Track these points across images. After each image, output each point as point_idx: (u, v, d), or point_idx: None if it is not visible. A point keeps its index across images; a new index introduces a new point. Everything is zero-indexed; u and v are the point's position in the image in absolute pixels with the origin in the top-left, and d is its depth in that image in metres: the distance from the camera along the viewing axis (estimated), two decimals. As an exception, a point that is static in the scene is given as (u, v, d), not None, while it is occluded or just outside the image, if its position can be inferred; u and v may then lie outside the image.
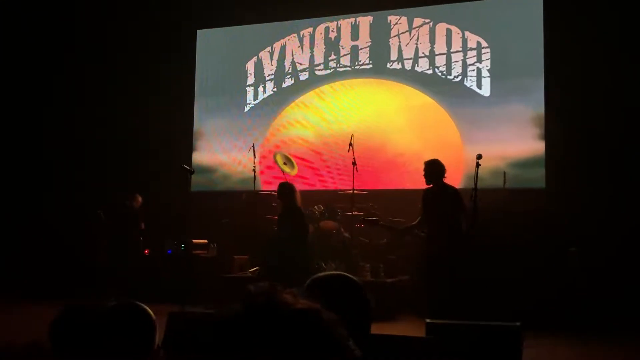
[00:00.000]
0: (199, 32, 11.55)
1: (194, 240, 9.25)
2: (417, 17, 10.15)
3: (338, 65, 10.61)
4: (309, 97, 10.73)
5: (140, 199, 9.89)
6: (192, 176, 9.02)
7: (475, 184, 6.66)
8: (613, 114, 8.65)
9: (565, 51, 9.10)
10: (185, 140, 11.19)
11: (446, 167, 6.82)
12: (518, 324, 2.99)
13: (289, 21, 10.94)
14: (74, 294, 8.17)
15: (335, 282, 1.81)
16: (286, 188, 8.07)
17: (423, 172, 6.82)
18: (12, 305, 8.31)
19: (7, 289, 8.90)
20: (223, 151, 11.06)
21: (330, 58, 10.67)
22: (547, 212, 8.26)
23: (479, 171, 6.82)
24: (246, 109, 11.14)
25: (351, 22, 10.60)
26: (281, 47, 10.98)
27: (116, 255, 9.52)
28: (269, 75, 11.03)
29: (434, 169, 6.71)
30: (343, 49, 10.61)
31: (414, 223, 7.12)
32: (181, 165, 7.36)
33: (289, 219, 7.91)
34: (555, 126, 9.06)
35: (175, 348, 3.45)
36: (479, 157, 6.77)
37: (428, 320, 2.90)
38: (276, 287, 1.09)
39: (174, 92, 11.24)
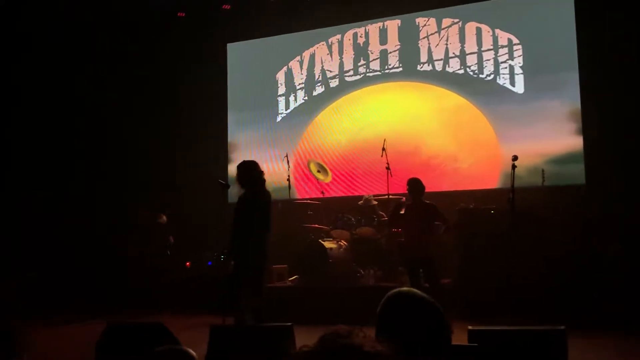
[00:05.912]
0: (229, 45, 11.68)
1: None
2: (445, 17, 10.08)
3: (368, 70, 10.59)
4: (340, 104, 10.74)
5: (146, 211, 10.04)
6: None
7: (512, 186, 6.56)
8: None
9: (599, 43, 8.90)
10: (221, 153, 11.30)
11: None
12: (563, 327, 2.92)
13: (317, 29, 10.97)
14: (113, 310, 8.32)
15: (408, 300, 1.86)
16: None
17: (407, 189, 7.26)
18: (55, 324, 8.44)
19: (50, 309, 9.06)
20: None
21: (359, 63, 10.66)
22: (588, 208, 8.08)
23: (515, 171, 6.71)
24: (278, 118, 11.21)
25: (379, 27, 10.57)
26: (310, 55, 11.02)
27: (145, 266, 9.69)
28: (299, 84, 11.08)
29: (420, 186, 7.19)
30: (372, 53, 10.59)
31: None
32: (217, 180, 7.41)
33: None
34: (592, 120, 8.87)
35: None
36: (515, 158, 6.65)
37: (470, 327, 2.86)
38: (354, 330, 1.15)
39: (207, 106, 11.36)
